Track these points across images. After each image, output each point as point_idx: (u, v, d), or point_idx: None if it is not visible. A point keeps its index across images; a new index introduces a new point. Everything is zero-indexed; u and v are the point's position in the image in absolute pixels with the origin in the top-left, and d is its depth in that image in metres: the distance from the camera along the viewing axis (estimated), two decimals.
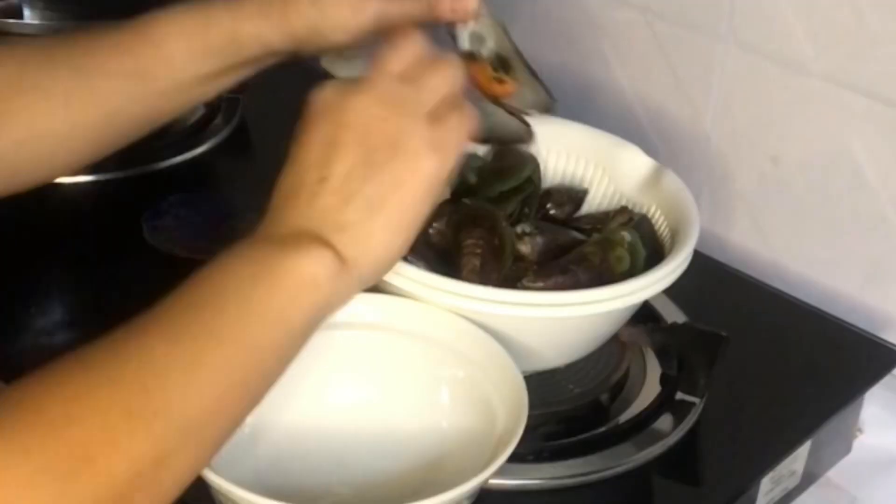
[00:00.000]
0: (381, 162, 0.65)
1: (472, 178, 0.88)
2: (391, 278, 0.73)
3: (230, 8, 0.81)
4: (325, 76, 0.93)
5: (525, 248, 0.81)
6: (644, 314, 0.84)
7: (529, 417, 0.68)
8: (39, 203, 1.01)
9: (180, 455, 0.58)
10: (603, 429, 0.80)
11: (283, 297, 0.62)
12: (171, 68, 0.80)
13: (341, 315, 0.74)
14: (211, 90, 0.83)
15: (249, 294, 0.61)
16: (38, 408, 0.54)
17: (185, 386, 0.58)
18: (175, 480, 0.58)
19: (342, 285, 0.64)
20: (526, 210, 0.86)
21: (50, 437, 0.54)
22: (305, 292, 0.62)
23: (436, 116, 0.66)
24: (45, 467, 0.53)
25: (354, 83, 0.67)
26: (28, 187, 0.80)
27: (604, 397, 0.83)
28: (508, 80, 0.81)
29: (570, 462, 0.77)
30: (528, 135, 0.81)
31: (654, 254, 0.80)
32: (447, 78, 0.68)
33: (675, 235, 0.81)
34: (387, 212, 0.65)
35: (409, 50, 0.68)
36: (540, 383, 0.79)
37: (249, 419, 0.72)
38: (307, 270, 0.62)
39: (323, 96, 0.67)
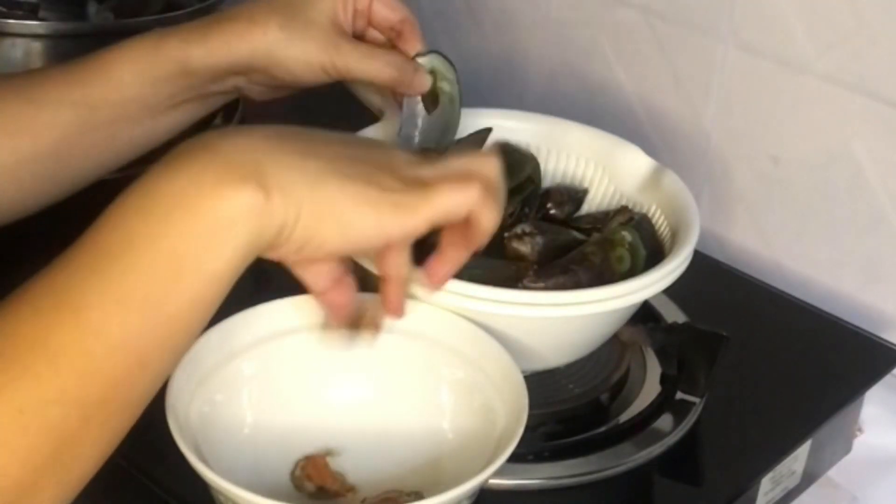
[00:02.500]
0: (354, 172, 0.62)
1: None
2: None
3: (182, 34, 0.81)
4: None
5: (525, 248, 0.81)
6: (644, 314, 0.84)
7: (529, 417, 0.68)
8: None
9: (90, 434, 0.56)
10: (603, 429, 0.80)
11: (199, 245, 0.58)
12: (119, 96, 0.79)
13: None
14: (168, 123, 0.83)
15: (161, 246, 0.57)
16: None
17: (90, 360, 0.55)
18: (86, 459, 0.57)
19: (267, 220, 0.59)
20: (526, 210, 0.86)
21: None
22: (225, 234, 0.58)
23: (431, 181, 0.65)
24: None
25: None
26: None
27: (604, 397, 0.83)
28: None
29: (570, 462, 0.77)
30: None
31: (654, 254, 0.80)
32: (483, 166, 0.67)
33: (675, 235, 0.81)
34: (331, 191, 0.61)
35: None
36: (540, 383, 0.79)
37: (249, 419, 0.72)
38: (228, 211, 0.58)
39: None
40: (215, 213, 0.58)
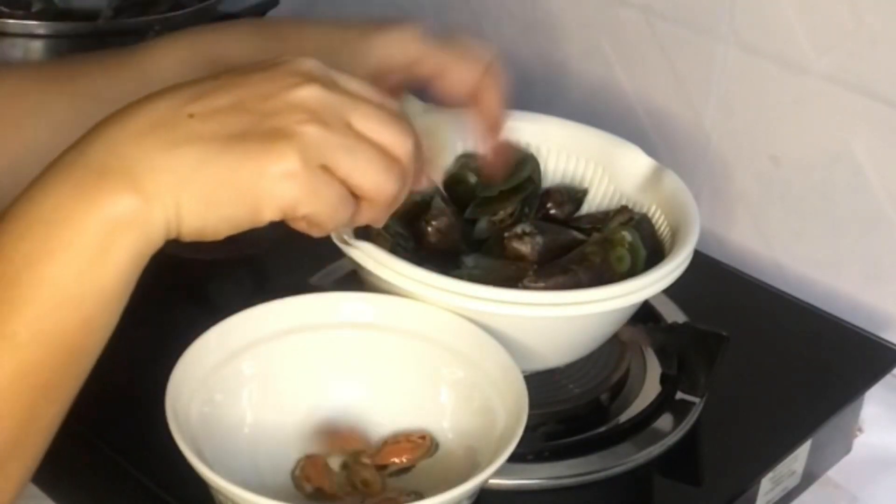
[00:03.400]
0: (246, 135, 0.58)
1: (472, 178, 0.88)
2: (392, 278, 0.73)
3: (223, 30, 0.80)
4: None
5: (525, 248, 0.81)
6: (644, 314, 0.84)
7: (529, 417, 0.68)
8: None
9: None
10: (603, 429, 0.80)
11: (83, 266, 0.55)
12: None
13: (341, 315, 0.75)
14: None
15: (43, 275, 0.54)
16: None
17: None
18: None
19: (149, 224, 0.57)
20: (526, 210, 0.86)
21: None
22: (108, 248, 0.56)
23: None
24: None
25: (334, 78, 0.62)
26: None
27: (604, 397, 0.83)
28: None
29: (570, 462, 0.77)
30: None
31: (654, 254, 0.80)
32: (397, 132, 0.62)
33: (676, 235, 0.81)
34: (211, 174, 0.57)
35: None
36: (540, 383, 0.79)
37: (249, 419, 0.72)
38: (107, 224, 0.55)
39: (300, 66, 0.61)
40: (95, 228, 0.55)
